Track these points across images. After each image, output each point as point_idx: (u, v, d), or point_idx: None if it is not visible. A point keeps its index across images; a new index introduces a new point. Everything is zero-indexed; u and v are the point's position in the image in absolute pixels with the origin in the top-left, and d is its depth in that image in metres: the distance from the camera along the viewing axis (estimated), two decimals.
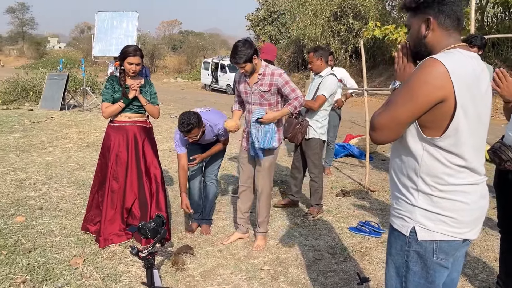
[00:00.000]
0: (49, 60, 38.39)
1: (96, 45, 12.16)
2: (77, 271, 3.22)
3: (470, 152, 1.57)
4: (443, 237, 1.59)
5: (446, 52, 1.56)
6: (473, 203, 1.60)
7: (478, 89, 1.56)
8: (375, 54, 20.79)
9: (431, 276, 1.64)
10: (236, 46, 3.38)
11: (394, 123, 1.57)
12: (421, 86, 1.50)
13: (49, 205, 4.62)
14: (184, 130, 3.56)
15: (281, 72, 3.52)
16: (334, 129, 6.06)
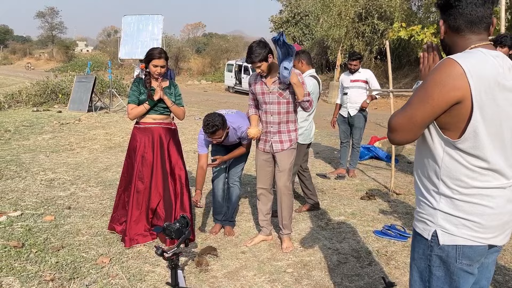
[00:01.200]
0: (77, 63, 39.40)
1: (122, 48, 12.39)
2: (103, 270, 3.28)
3: (494, 154, 1.51)
4: (466, 242, 1.54)
5: (466, 52, 1.53)
6: (499, 207, 1.54)
7: (502, 88, 1.51)
8: (401, 55, 20.46)
9: (455, 282, 1.59)
10: (251, 47, 3.43)
11: (410, 124, 1.55)
12: (436, 86, 1.48)
13: (76, 204, 4.73)
14: (208, 132, 3.59)
15: (300, 72, 3.55)
16: (360, 131, 6.00)
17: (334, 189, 5.53)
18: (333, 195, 5.29)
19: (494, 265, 1.73)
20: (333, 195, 5.29)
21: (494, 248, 1.64)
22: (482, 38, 1.57)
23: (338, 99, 6.26)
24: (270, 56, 3.46)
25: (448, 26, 1.61)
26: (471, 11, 1.54)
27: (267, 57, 3.43)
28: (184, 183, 3.85)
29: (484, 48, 1.55)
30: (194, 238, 3.87)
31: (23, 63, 53.18)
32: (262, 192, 3.79)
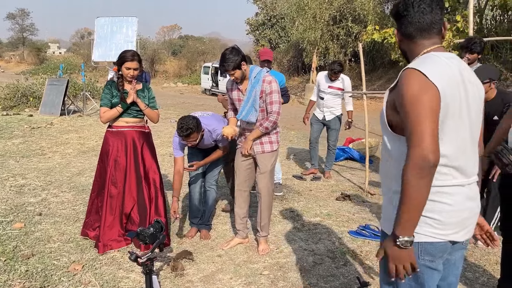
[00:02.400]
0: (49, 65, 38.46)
1: (95, 51, 12.18)
2: (75, 277, 3.21)
3: (454, 153, 1.56)
4: (427, 239, 1.58)
5: (420, 58, 1.60)
6: (458, 204, 1.59)
7: (461, 86, 1.56)
8: (375, 57, 20.81)
9: (419, 278, 1.63)
10: (224, 54, 3.42)
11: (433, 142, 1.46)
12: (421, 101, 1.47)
13: (48, 210, 4.61)
14: (183, 135, 3.56)
15: (271, 80, 3.53)
16: (336, 133, 6.09)
17: (310, 190, 5.57)
18: (309, 196, 5.33)
19: (461, 261, 1.77)
20: (309, 196, 5.33)
21: (458, 245, 1.68)
22: (434, 42, 1.64)
23: (313, 96, 6.23)
24: (244, 63, 3.46)
25: (402, 34, 1.69)
26: (420, 19, 1.62)
27: (240, 64, 3.43)
28: (159, 187, 3.80)
29: (436, 51, 1.61)
30: (169, 242, 3.82)
31: None
32: (240, 194, 3.78)
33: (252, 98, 3.51)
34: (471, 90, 1.60)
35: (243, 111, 3.56)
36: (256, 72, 3.54)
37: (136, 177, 3.76)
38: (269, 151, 3.64)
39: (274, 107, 3.51)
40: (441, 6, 1.62)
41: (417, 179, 1.45)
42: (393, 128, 1.63)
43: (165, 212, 3.85)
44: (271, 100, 3.51)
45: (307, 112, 6.24)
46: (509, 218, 2.77)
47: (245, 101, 3.55)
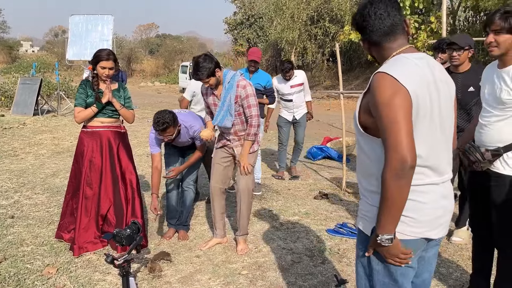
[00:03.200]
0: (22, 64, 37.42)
1: (70, 49, 11.95)
2: (49, 281, 3.14)
3: (426, 152, 1.59)
4: (401, 236, 1.61)
5: (390, 61, 1.63)
6: (432, 202, 1.62)
7: (432, 86, 1.59)
8: (352, 57, 21.09)
9: (393, 275, 1.66)
10: (198, 63, 3.37)
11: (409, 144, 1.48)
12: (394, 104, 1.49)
13: (21, 213, 4.49)
14: (159, 129, 3.53)
15: (245, 84, 3.52)
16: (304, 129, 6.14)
17: (289, 189, 5.60)
18: (288, 195, 5.36)
19: (435, 258, 1.81)
20: (288, 195, 5.36)
21: (432, 242, 1.71)
22: (400, 44, 1.67)
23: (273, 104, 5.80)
24: (217, 70, 3.44)
25: (368, 43, 1.72)
26: (380, 25, 1.64)
27: (214, 71, 3.41)
28: (135, 188, 3.76)
29: (406, 52, 1.64)
30: (146, 243, 3.78)
31: None
32: (216, 191, 3.77)
33: (227, 103, 3.51)
34: (443, 89, 1.63)
35: (218, 117, 3.56)
36: (229, 77, 3.53)
37: (112, 177, 3.70)
38: (250, 152, 3.64)
39: (253, 111, 3.52)
40: (396, 7, 1.65)
41: (396, 181, 1.48)
42: (367, 130, 1.65)
43: (142, 213, 3.81)
44: (248, 104, 3.51)
45: (268, 120, 5.85)
46: (477, 214, 2.84)
47: (220, 107, 3.55)
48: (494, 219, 2.63)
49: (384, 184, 1.51)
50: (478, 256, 2.91)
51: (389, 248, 1.59)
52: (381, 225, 1.55)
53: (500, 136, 2.50)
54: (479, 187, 2.70)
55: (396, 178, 1.47)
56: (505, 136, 2.48)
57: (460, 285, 3.14)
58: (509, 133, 2.48)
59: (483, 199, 2.67)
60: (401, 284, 1.66)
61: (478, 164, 2.58)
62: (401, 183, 1.48)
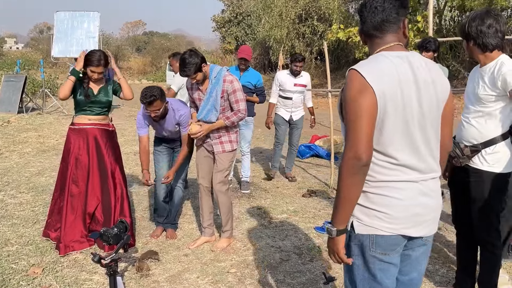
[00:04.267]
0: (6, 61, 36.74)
1: (55, 46, 11.76)
2: (35, 281, 3.09)
3: (402, 150, 1.60)
4: (378, 232, 1.62)
5: (369, 58, 1.66)
6: (408, 199, 1.62)
7: (407, 86, 1.59)
8: (339, 56, 21.16)
9: (371, 269, 1.67)
10: (184, 59, 3.36)
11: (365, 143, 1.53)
12: (356, 102, 1.54)
13: (5, 212, 4.42)
14: (146, 101, 3.52)
15: (232, 79, 3.51)
16: (300, 132, 5.94)
17: (277, 188, 5.60)
18: (276, 193, 5.36)
19: (425, 258, 1.78)
20: (276, 193, 5.36)
21: (418, 241, 1.70)
22: (388, 41, 1.68)
23: (273, 98, 5.84)
24: (204, 65, 3.43)
25: (362, 34, 1.75)
26: (372, 19, 1.68)
27: (200, 67, 3.40)
28: (124, 186, 3.74)
29: (387, 50, 1.66)
30: (134, 243, 3.75)
31: None
32: (202, 190, 3.77)
33: (213, 98, 3.49)
34: (425, 89, 1.62)
35: (204, 111, 3.53)
36: (216, 72, 3.52)
37: (100, 176, 3.67)
38: (229, 150, 3.63)
39: (241, 106, 3.51)
40: (395, 5, 1.65)
41: (349, 176, 1.55)
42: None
43: (130, 212, 3.78)
44: (236, 99, 3.50)
45: (270, 115, 5.86)
46: (459, 210, 2.88)
47: (205, 102, 3.52)
48: (473, 215, 2.68)
49: (339, 178, 1.59)
50: (462, 253, 2.95)
51: (328, 240, 1.69)
52: (333, 217, 1.65)
53: (479, 133, 2.56)
54: (460, 182, 2.75)
55: (348, 173, 1.55)
56: (484, 133, 2.54)
57: (446, 282, 3.18)
58: (487, 130, 2.55)
59: (464, 195, 2.71)
60: (380, 279, 1.67)
61: (458, 160, 2.64)
62: (353, 179, 1.55)
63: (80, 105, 3.66)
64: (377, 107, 1.54)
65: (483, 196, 2.60)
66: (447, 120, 1.74)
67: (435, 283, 3.17)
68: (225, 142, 3.62)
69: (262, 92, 5.41)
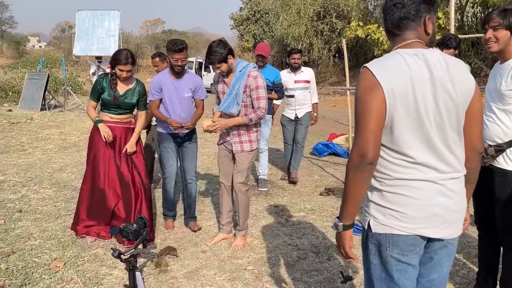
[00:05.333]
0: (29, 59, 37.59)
1: (77, 45, 11.99)
2: (57, 274, 3.16)
3: (417, 148, 1.57)
4: (394, 231, 1.61)
5: (383, 56, 1.65)
6: (425, 198, 1.58)
7: (420, 83, 1.55)
8: (358, 53, 20.98)
9: (388, 269, 1.65)
10: (211, 47, 3.39)
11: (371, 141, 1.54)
12: (364, 100, 1.56)
13: (28, 207, 4.53)
14: (177, 49, 3.68)
15: (257, 75, 3.48)
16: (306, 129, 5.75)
17: (294, 186, 5.59)
18: (293, 191, 5.36)
19: (448, 260, 1.73)
20: (293, 191, 5.36)
21: (439, 243, 1.66)
22: (406, 38, 1.66)
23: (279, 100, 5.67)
24: (230, 57, 3.43)
25: (386, 30, 1.74)
26: (391, 16, 1.67)
27: (226, 58, 3.40)
28: (145, 183, 3.84)
29: (405, 48, 1.64)
30: (153, 238, 3.81)
31: None
32: (222, 188, 3.79)
33: (235, 91, 3.48)
34: (443, 87, 1.57)
35: (225, 103, 3.53)
36: (242, 67, 3.51)
37: (122, 172, 3.76)
38: (248, 150, 3.61)
39: (262, 103, 3.48)
40: (417, 2, 1.62)
41: (354, 173, 1.58)
42: None
43: (151, 208, 3.87)
44: (258, 95, 3.47)
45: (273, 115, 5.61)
46: (482, 211, 2.82)
47: (228, 94, 3.52)
48: (498, 216, 2.62)
49: (345, 175, 1.61)
50: (484, 254, 2.89)
51: (336, 234, 1.73)
52: (340, 212, 1.69)
53: (503, 131, 2.50)
54: (484, 183, 2.69)
55: (354, 170, 1.57)
56: (509, 131, 2.48)
57: (466, 283, 3.13)
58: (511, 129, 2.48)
59: (488, 195, 2.66)
60: (397, 280, 1.65)
61: (482, 159, 2.57)
62: (357, 176, 1.57)
63: (105, 104, 3.77)
64: (385, 105, 1.54)
65: (507, 196, 2.55)
66: (474, 120, 1.67)
67: (455, 284, 3.13)
68: (244, 142, 3.60)
69: (280, 89, 5.37)
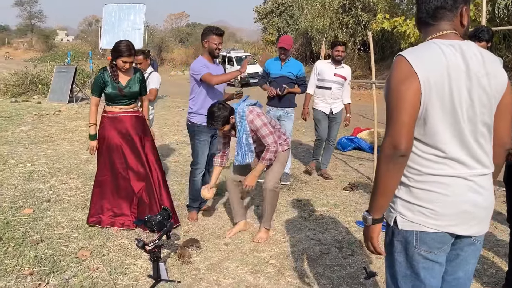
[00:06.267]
0: (58, 53, 38.59)
1: (103, 38, 12.19)
2: (84, 263, 3.24)
3: (449, 143, 1.53)
4: (422, 228, 1.57)
5: (418, 45, 1.60)
6: (456, 195, 1.54)
7: (456, 75, 1.51)
8: (384, 46, 20.59)
9: (414, 267, 1.62)
10: (212, 112, 3.44)
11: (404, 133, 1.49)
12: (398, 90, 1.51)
13: (56, 197, 4.65)
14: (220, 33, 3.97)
15: (252, 119, 3.49)
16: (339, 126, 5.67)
17: (317, 180, 5.55)
18: (316, 186, 5.32)
19: (474, 257, 1.70)
20: (316, 186, 5.32)
21: (467, 240, 1.63)
22: (441, 29, 1.61)
23: (310, 88, 5.50)
24: (232, 118, 3.51)
25: (417, 21, 1.69)
26: (426, 5, 1.62)
27: (228, 119, 3.48)
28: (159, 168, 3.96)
29: (439, 39, 1.58)
30: (177, 221, 3.95)
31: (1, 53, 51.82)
32: (231, 183, 3.82)
33: (244, 142, 3.55)
34: (478, 80, 1.53)
35: (239, 156, 3.61)
36: (239, 118, 3.52)
37: (136, 160, 3.84)
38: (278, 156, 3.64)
39: (268, 140, 3.50)
40: None
41: (386, 165, 1.53)
42: None
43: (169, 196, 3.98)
44: (262, 135, 3.51)
45: (306, 106, 5.53)
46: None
47: (238, 147, 3.60)
48: None
49: (376, 167, 1.57)
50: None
51: (364, 228, 1.69)
52: (370, 205, 1.65)
53: None
54: None
55: (386, 163, 1.52)
56: None
57: (495, 282, 3.05)
58: None
59: None
60: (423, 278, 1.61)
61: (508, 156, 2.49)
62: (389, 167, 1.52)
63: (111, 98, 3.78)
64: (420, 95, 1.50)
65: None
66: (504, 114, 1.62)
67: (482, 283, 3.05)
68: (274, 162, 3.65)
69: (303, 82, 5.29)
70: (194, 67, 3.99)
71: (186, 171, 5.70)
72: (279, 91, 5.05)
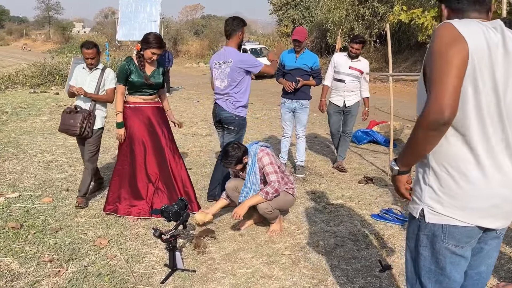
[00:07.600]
0: (75, 44, 38.96)
1: (120, 30, 12.28)
2: (101, 251, 3.30)
3: (483, 133, 1.48)
4: (451, 221, 1.53)
5: (461, 20, 1.52)
6: (487, 188, 1.50)
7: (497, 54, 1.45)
8: (401, 39, 20.26)
9: (441, 261, 1.58)
10: (227, 151, 3.57)
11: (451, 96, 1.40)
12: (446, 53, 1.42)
13: (75, 186, 4.73)
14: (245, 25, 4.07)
15: (261, 156, 3.61)
16: (355, 119, 5.60)
17: (332, 173, 5.54)
18: (331, 178, 5.30)
19: (496, 251, 1.69)
20: (331, 178, 5.30)
21: (492, 234, 1.61)
22: (480, 18, 1.56)
23: (327, 80, 5.56)
24: (245, 157, 3.61)
25: (450, 10, 1.61)
26: None
27: (242, 159, 3.58)
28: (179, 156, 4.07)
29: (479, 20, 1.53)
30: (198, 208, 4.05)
31: (19, 44, 52.65)
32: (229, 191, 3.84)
33: (251, 181, 3.63)
34: None
35: (243, 194, 3.66)
36: (252, 156, 3.63)
37: (157, 150, 3.93)
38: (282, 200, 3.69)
39: (271, 177, 3.55)
40: None
41: (425, 132, 1.44)
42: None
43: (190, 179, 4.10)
44: (267, 172, 3.59)
45: (324, 98, 5.53)
46: None
47: (245, 184, 3.66)
48: None
49: (414, 129, 1.49)
50: None
51: (391, 177, 1.70)
52: (399, 159, 1.63)
53: None
54: None
55: (425, 129, 1.43)
56: None
57: (511, 277, 3.02)
58: None
59: None
60: (449, 273, 1.58)
61: None
62: (428, 134, 1.44)
63: (136, 87, 3.85)
64: (467, 63, 1.42)
65: None
66: None
67: (499, 278, 3.02)
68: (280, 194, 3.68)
69: (318, 74, 5.26)
70: (248, 60, 3.97)
71: (201, 162, 5.75)
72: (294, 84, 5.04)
